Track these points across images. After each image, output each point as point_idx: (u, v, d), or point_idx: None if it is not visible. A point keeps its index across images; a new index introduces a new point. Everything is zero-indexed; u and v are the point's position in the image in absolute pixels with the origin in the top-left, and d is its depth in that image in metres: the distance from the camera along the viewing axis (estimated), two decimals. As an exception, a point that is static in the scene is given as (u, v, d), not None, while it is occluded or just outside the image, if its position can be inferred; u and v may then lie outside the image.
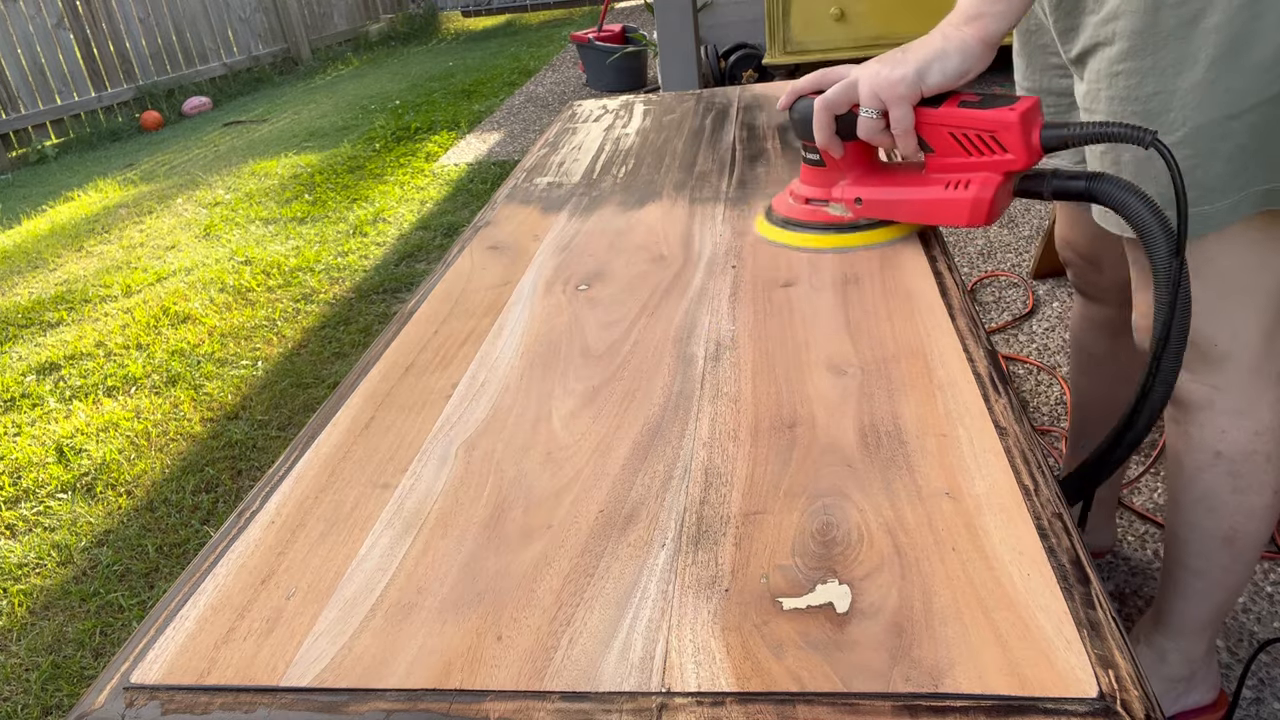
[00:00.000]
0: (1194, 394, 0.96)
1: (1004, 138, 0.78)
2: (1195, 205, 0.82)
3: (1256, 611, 1.39)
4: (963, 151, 0.81)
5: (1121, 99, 0.83)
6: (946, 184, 0.83)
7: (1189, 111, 0.79)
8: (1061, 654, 0.43)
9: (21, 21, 6.03)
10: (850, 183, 0.89)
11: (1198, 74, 0.78)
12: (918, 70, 0.81)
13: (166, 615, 0.53)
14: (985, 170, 0.81)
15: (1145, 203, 0.75)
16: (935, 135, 0.82)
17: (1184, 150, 0.80)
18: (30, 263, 3.87)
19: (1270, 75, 0.76)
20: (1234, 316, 0.90)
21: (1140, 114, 0.82)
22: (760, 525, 0.53)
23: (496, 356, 0.77)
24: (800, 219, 0.91)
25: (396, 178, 4.23)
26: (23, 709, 1.59)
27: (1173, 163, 0.72)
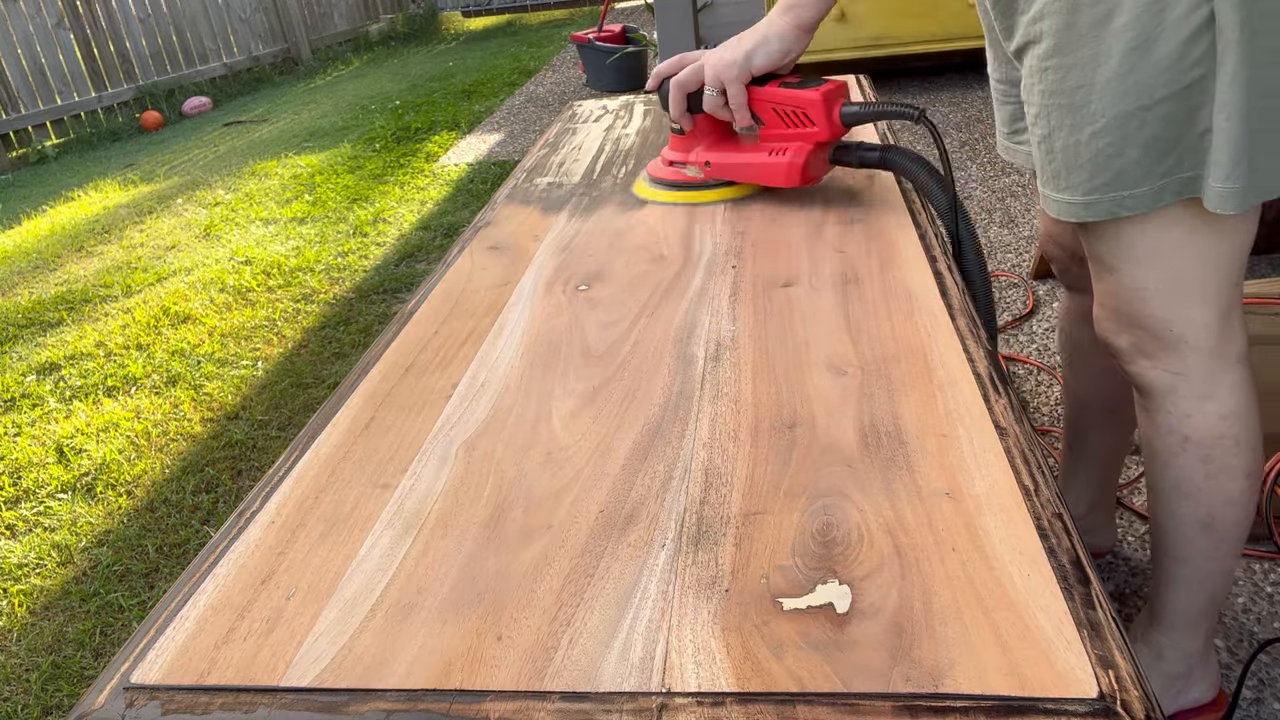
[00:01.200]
0: (1156, 380, 0.99)
1: (811, 112, 0.96)
2: (1116, 190, 0.89)
3: (1256, 611, 1.39)
4: (783, 124, 0.99)
5: (1050, 92, 0.90)
6: (770, 151, 1.00)
7: (1106, 103, 0.86)
8: (1061, 654, 0.43)
9: (21, 21, 6.03)
10: (704, 149, 1.06)
11: (1112, 68, 0.84)
12: (746, 54, 0.99)
13: (166, 615, 0.53)
14: (799, 140, 0.98)
15: (924, 166, 0.94)
16: (763, 110, 1.00)
17: (1105, 139, 0.87)
18: (30, 263, 3.87)
19: (1175, 70, 0.82)
20: (1185, 303, 0.94)
21: (1066, 106, 0.89)
22: (760, 525, 0.53)
23: (496, 357, 0.77)
24: (665, 179, 1.09)
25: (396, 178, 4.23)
26: (23, 709, 1.59)
27: (935, 131, 0.91)
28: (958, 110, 3.96)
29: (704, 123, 1.05)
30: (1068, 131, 0.89)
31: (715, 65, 1.00)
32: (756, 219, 0.99)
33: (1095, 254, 0.98)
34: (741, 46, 0.99)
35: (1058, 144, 0.91)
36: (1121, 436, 1.37)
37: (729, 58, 0.99)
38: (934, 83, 4.39)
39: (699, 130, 1.06)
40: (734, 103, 0.99)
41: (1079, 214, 0.92)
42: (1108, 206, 0.90)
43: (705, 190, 1.06)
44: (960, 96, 4.14)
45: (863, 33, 4.08)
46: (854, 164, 0.99)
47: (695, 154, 1.06)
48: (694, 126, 1.05)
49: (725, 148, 1.05)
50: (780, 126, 0.99)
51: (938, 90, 4.28)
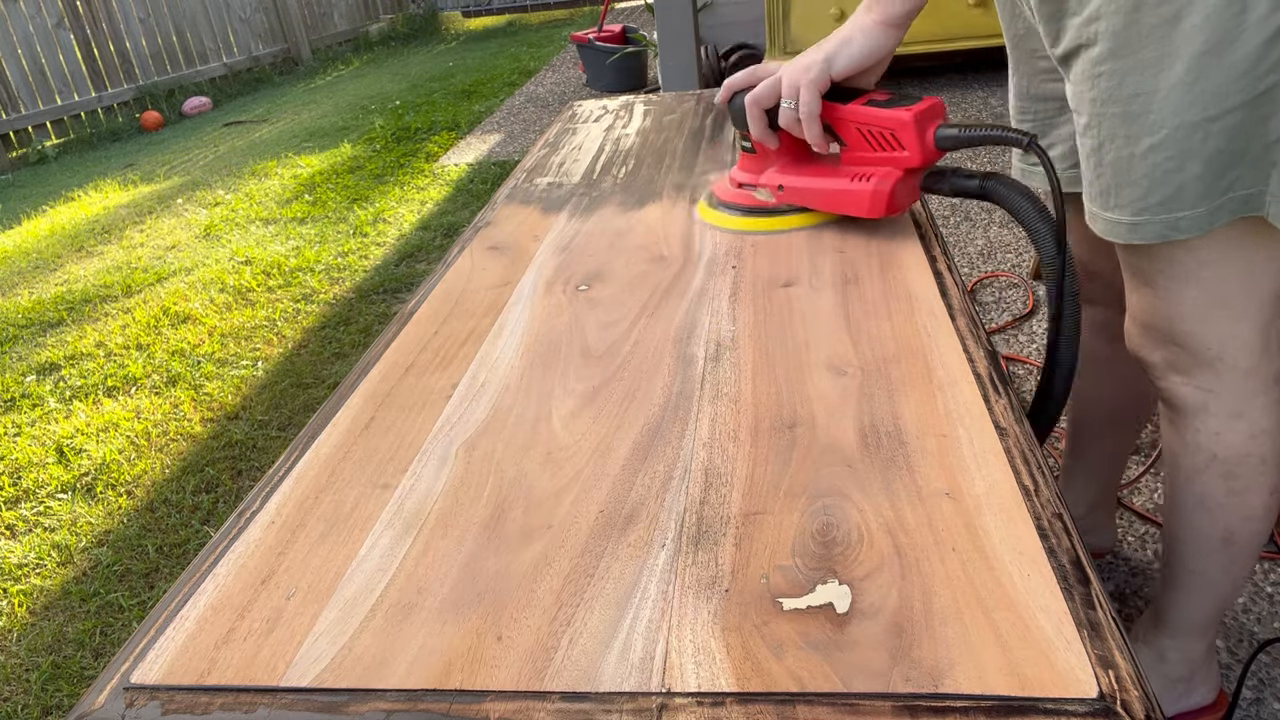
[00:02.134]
0: (1188, 398, 0.96)
1: (901, 135, 0.85)
2: (1171, 211, 0.82)
3: (1256, 611, 1.39)
4: (869, 147, 0.88)
5: (1103, 100, 0.83)
6: (853, 176, 0.89)
7: (1168, 113, 0.79)
8: (1061, 654, 0.43)
9: (21, 21, 6.03)
10: (777, 170, 0.96)
11: (1178, 74, 0.77)
12: (826, 57, 0.88)
13: (166, 615, 0.53)
14: (887, 165, 0.87)
15: (1031, 201, 0.80)
16: (845, 130, 0.89)
17: (1164, 152, 0.80)
18: (30, 263, 3.87)
19: (1251, 75, 0.75)
20: (1225, 321, 0.90)
21: (1121, 115, 0.82)
22: (760, 525, 0.53)
23: (496, 357, 0.77)
24: (731, 202, 0.99)
25: (396, 178, 4.23)
26: (23, 709, 1.59)
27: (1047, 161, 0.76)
28: (958, 111, 3.96)
29: (783, 142, 0.95)
30: (1121, 143, 0.83)
31: (790, 74, 0.89)
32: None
33: (1133, 267, 0.94)
34: (822, 50, 0.89)
35: (1108, 157, 0.84)
36: (1125, 440, 1.36)
37: (805, 62, 0.88)
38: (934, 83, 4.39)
39: (777, 151, 0.96)
40: (804, 111, 0.88)
41: (1125, 235, 0.86)
42: (1158, 229, 0.84)
43: (775, 217, 0.95)
44: (960, 96, 4.14)
45: (863, 33, 4.07)
46: (946, 192, 0.87)
47: (767, 176, 0.96)
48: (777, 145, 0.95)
49: (801, 171, 0.95)
50: (865, 149, 0.88)
51: (937, 90, 4.28)
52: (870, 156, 0.88)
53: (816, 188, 0.92)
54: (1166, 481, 1.06)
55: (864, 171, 0.88)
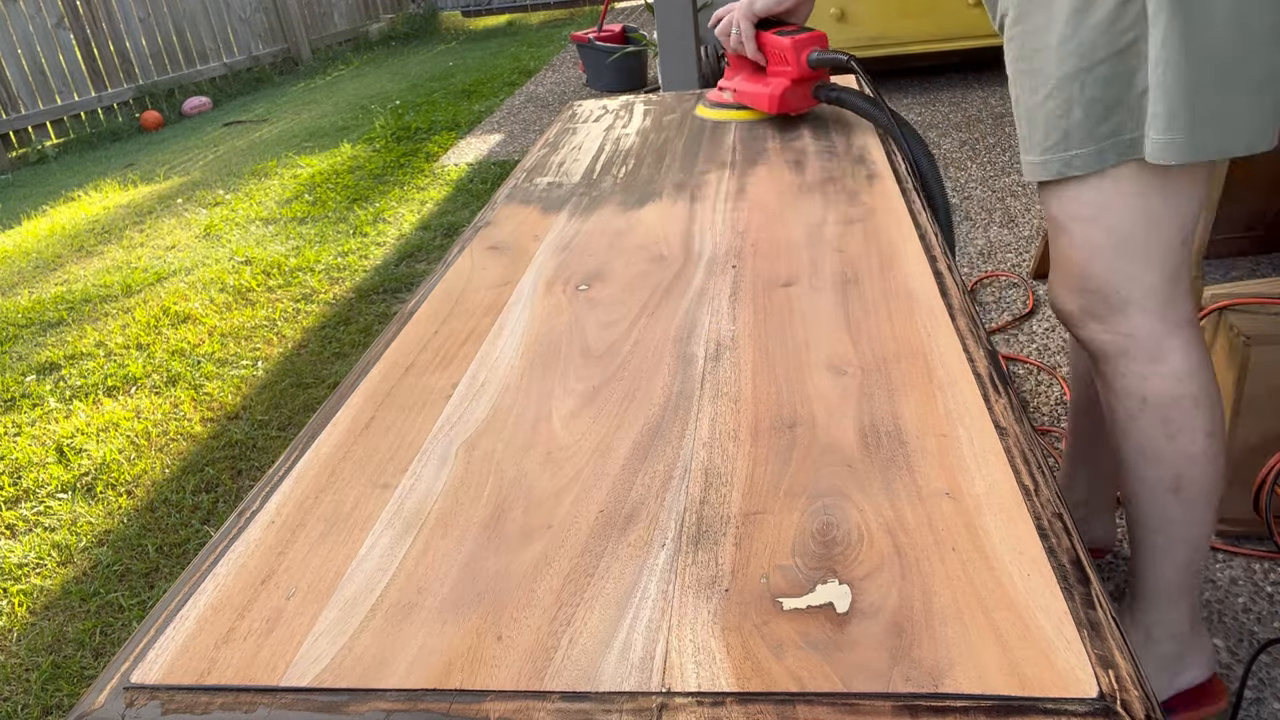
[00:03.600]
0: (1108, 343, 1.03)
1: (786, 56, 1.21)
2: (1065, 150, 0.95)
3: (1256, 611, 1.39)
4: (774, 63, 1.25)
5: (1015, 58, 0.98)
6: (764, 84, 1.27)
7: (1053, 66, 0.93)
8: (1061, 654, 0.43)
9: (21, 21, 6.03)
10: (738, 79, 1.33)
11: (1057, 32, 0.91)
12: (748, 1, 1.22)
13: (166, 615, 0.53)
14: (780, 77, 1.24)
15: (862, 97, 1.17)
16: (767, 51, 1.25)
17: (1053, 100, 0.94)
18: (30, 263, 3.87)
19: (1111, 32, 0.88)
20: (1133, 265, 0.98)
21: (1028, 70, 0.96)
22: (760, 525, 0.53)
23: (496, 356, 0.77)
24: (713, 100, 1.38)
25: (396, 178, 4.23)
26: (23, 709, 1.59)
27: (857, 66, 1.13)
28: (958, 110, 3.95)
29: (739, 59, 1.31)
30: (1027, 94, 0.98)
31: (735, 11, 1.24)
32: (757, 219, 0.99)
33: (1050, 215, 1.03)
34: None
35: (1021, 109, 1.00)
36: None
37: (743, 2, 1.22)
38: (934, 83, 4.39)
39: (735, 64, 1.32)
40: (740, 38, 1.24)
41: (1036, 173, 0.99)
42: (1057, 166, 0.97)
43: (732, 110, 1.33)
44: (960, 96, 4.14)
45: (862, 33, 4.08)
46: (822, 100, 1.25)
47: (730, 82, 1.34)
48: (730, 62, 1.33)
49: (745, 79, 1.31)
50: (774, 65, 1.24)
51: (937, 90, 4.28)
52: (775, 70, 1.24)
53: (748, 90, 1.30)
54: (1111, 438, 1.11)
55: (770, 81, 1.25)
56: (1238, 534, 1.52)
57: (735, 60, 1.31)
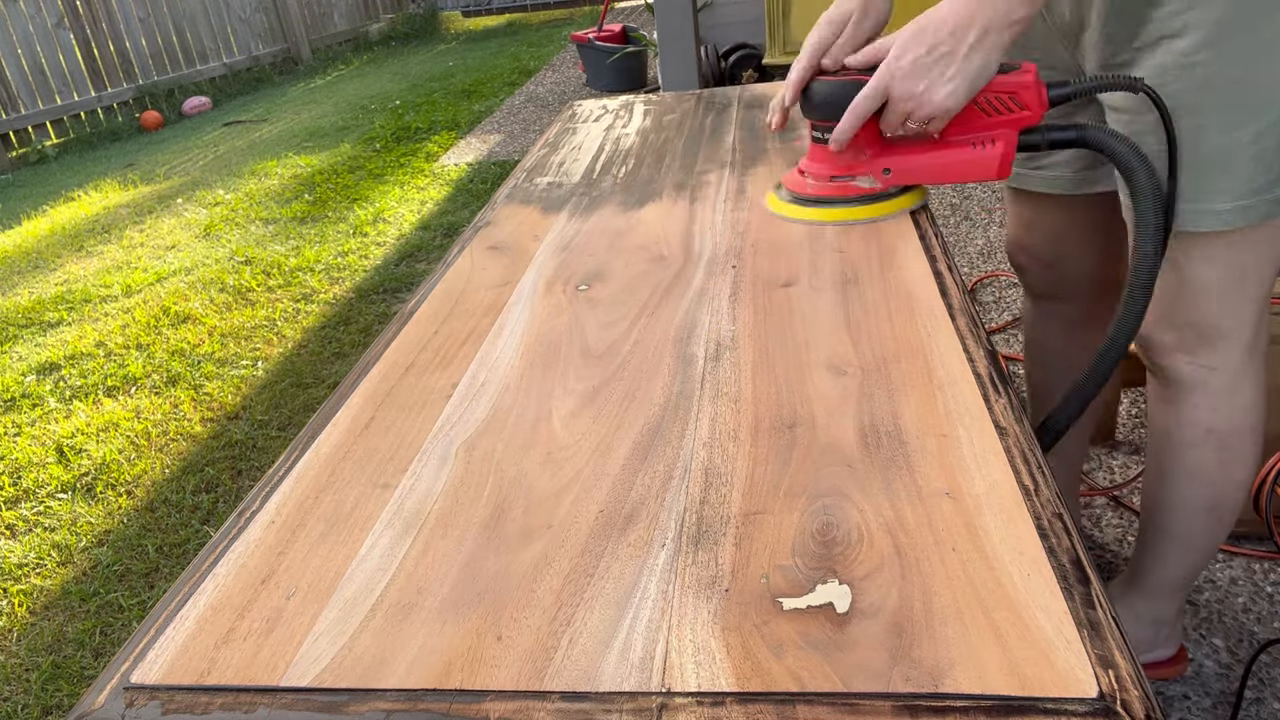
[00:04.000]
0: (1189, 375, 0.99)
1: (1022, 97, 0.87)
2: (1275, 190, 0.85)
3: (1256, 611, 1.39)
4: (982, 115, 0.89)
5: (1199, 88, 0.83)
6: (972, 144, 0.91)
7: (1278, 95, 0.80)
8: (1061, 654, 0.43)
9: (21, 21, 6.03)
10: (873, 156, 0.95)
11: None
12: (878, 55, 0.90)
13: (166, 615, 0.53)
14: (1004, 128, 0.89)
15: (1129, 145, 0.83)
16: None
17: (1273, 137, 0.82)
18: (30, 263, 3.87)
19: None
20: (1239, 300, 0.93)
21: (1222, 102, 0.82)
22: (760, 525, 0.53)
23: (496, 356, 0.77)
24: (833, 196, 0.96)
25: (396, 178, 4.23)
26: (23, 709, 1.59)
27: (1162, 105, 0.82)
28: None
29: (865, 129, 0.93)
30: (1220, 130, 0.83)
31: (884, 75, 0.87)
32: (757, 219, 0.99)
33: None
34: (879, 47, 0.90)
35: (1204, 146, 0.85)
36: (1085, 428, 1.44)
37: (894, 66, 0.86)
38: (934, 83, 4.38)
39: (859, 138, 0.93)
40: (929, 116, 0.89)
41: (1231, 221, 0.86)
42: (1265, 208, 0.85)
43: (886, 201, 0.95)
44: (960, 96, 4.13)
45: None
46: (1043, 146, 0.90)
47: (865, 163, 0.95)
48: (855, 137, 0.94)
49: (899, 150, 0.95)
50: (978, 116, 0.89)
51: (938, 90, 4.28)
52: (985, 121, 0.90)
53: (931, 163, 0.93)
54: (1154, 455, 1.09)
55: (982, 137, 0.90)
56: (1238, 534, 1.52)
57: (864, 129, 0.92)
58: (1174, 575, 1.15)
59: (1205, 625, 1.37)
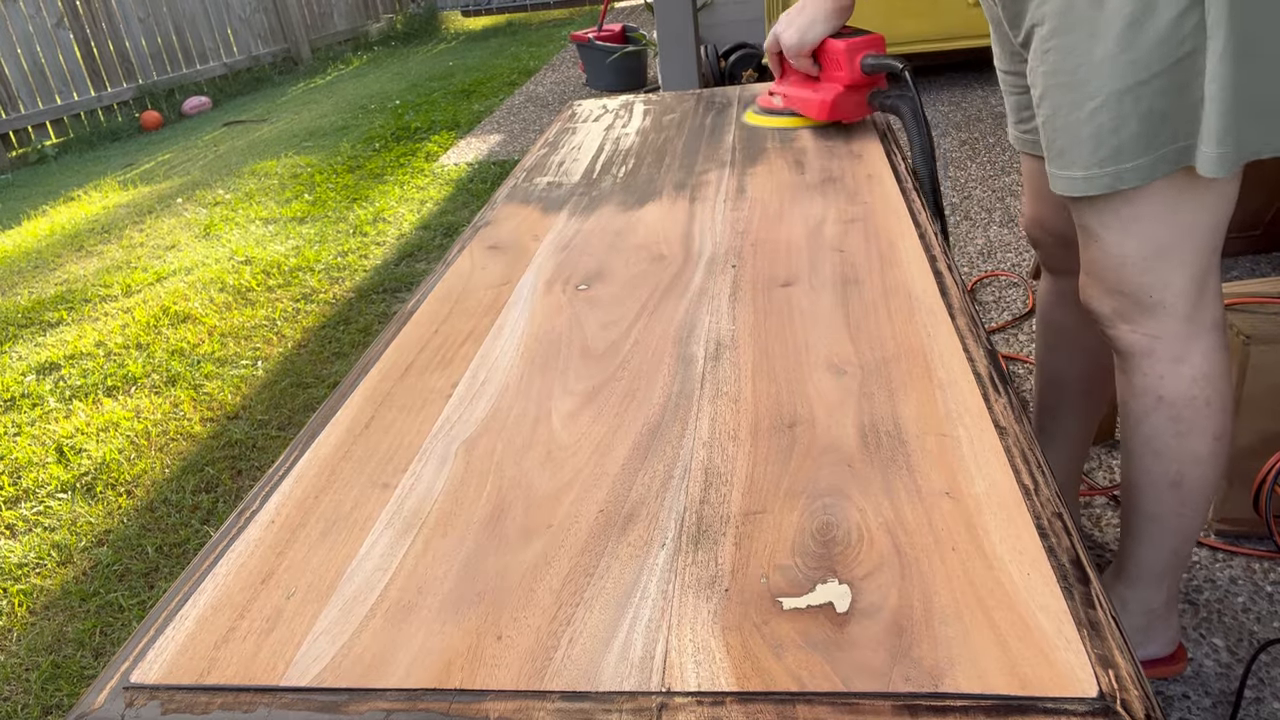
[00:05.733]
0: (1134, 343, 1.04)
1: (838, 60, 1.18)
2: (1116, 164, 0.93)
3: (1256, 611, 1.39)
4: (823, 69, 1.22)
5: (1052, 72, 0.94)
6: (814, 90, 1.24)
7: (1103, 80, 0.90)
8: (1061, 654, 0.43)
9: (21, 21, 6.03)
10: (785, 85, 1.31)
11: (1108, 47, 0.89)
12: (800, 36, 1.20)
13: (166, 615, 0.53)
14: (832, 83, 1.21)
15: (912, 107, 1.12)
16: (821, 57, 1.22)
17: (1104, 114, 0.91)
18: (30, 262, 3.87)
19: (1167, 45, 0.86)
20: (1163, 270, 0.98)
21: (1067, 84, 0.93)
22: (760, 525, 0.53)
23: (496, 356, 0.77)
24: (766, 107, 1.35)
25: (396, 177, 4.23)
26: (23, 709, 1.59)
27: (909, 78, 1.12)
28: (958, 110, 3.95)
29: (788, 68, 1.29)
30: (1068, 109, 0.94)
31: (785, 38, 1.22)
32: (757, 219, 0.99)
33: (1083, 223, 1.02)
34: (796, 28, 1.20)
35: (1059, 122, 0.96)
36: (1091, 419, 1.43)
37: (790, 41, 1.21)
38: (934, 83, 4.39)
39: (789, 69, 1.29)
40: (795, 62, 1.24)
41: (1081, 188, 0.96)
42: (1107, 180, 0.94)
43: (782, 117, 1.31)
44: (960, 96, 4.14)
45: (863, 32, 4.07)
46: (874, 108, 1.21)
47: (779, 89, 1.32)
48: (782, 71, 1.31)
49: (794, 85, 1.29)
50: (828, 70, 1.21)
51: (938, 90, 4.28)
52: (830, 76, 1.21)
53: (799, 95, 1.27)
54: (1120, 429, 1.14)
55: (821, 87, 1.23)
56: (1238, 534, 1.52)
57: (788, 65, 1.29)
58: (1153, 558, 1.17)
59: (1205, 625, 1.37)
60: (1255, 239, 2.35)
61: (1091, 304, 1.07)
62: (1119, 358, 1.09)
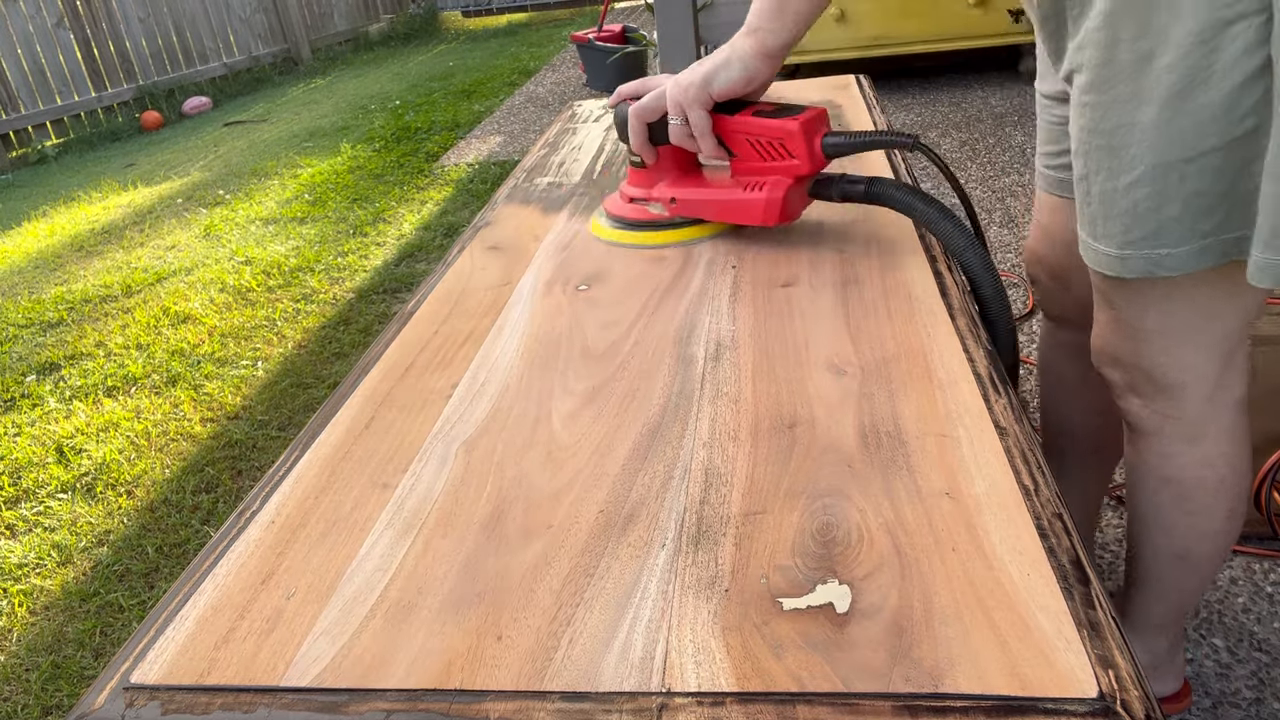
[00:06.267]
0: (1146, 421, 0.96)
1: (790, 144, 0.86)
2: (1154, 247, 0.80)
3: (1256, 612, 1.39)
4: (758, 156, 0.89)
5: (1089, 130, 0.81)
6: (745, 186, 0.89)
7: (1145, 149, 0.77)
8: (1061, 654, 0.43)
9: (21, 21, 6.03)
10: (668, 184, 0.95)
11: (1152, 113, 0.75)
12: (704, 78, 0.88)
13: (166, 615, 0.53)
14: (777, 174, 0.88)
15: (924, 198, 0.83)
16: (734, 141, 0.89)
17: (1143, 189, 0.78)
18: (30, 263, 3.87)
19: (1227, 119, 0.72)
20: (1186, 353, 0.89)
21: (1105, 147, 0.80)
22: (760, 525, 0.54)
23: (496, 356, 0.77)
24: (626, 217, 0.98)
25: (396, 178, 4.23)
26: (23, 709, 1.59)
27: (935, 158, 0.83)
28: (958, 110, 3.95)
29: (668, 155, 0.95)
30: (1105, 176, 0.81)
31: (673, 91, 0.89)
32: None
33: (1097, 285, 0.93)
34: (701, 69, 0.89)
35: (1094, 188, 0.83)
36: (1104, 471, 1.31)
37: (686, 81, 0.88)
38: (934, 82, 4.39)
39: (662, 163, 0.95)
40: (696, 129, 0.89)
41: (1114, 268, 0.84)
42: (1142, 264, 0.82)
43: (670, 230, 0.95)
44: (960, 96, 4.14)
45: (863, 33, 4.08)
46: (835, 198, 0.90)
47: (659, 189, 0.95)
48: (657, 159, 0.95)
49: (693, 183, 0.95)
50: (755, 159, 0.89)
51: (938, 90, 4.28)
52: (760, 166, 0.89)
53: (710, 199, 0.93)
54: (1127, 495, 1.07)
55: (755, 181, 0.89)
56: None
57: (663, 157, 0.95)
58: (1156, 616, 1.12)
59: (1205, 625, 1.38)
60: (1255, 239, 2.34)
61: (1102, 369, 0.98)
62: (1128, 429, 1.00)
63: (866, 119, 1.29)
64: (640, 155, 0.95)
